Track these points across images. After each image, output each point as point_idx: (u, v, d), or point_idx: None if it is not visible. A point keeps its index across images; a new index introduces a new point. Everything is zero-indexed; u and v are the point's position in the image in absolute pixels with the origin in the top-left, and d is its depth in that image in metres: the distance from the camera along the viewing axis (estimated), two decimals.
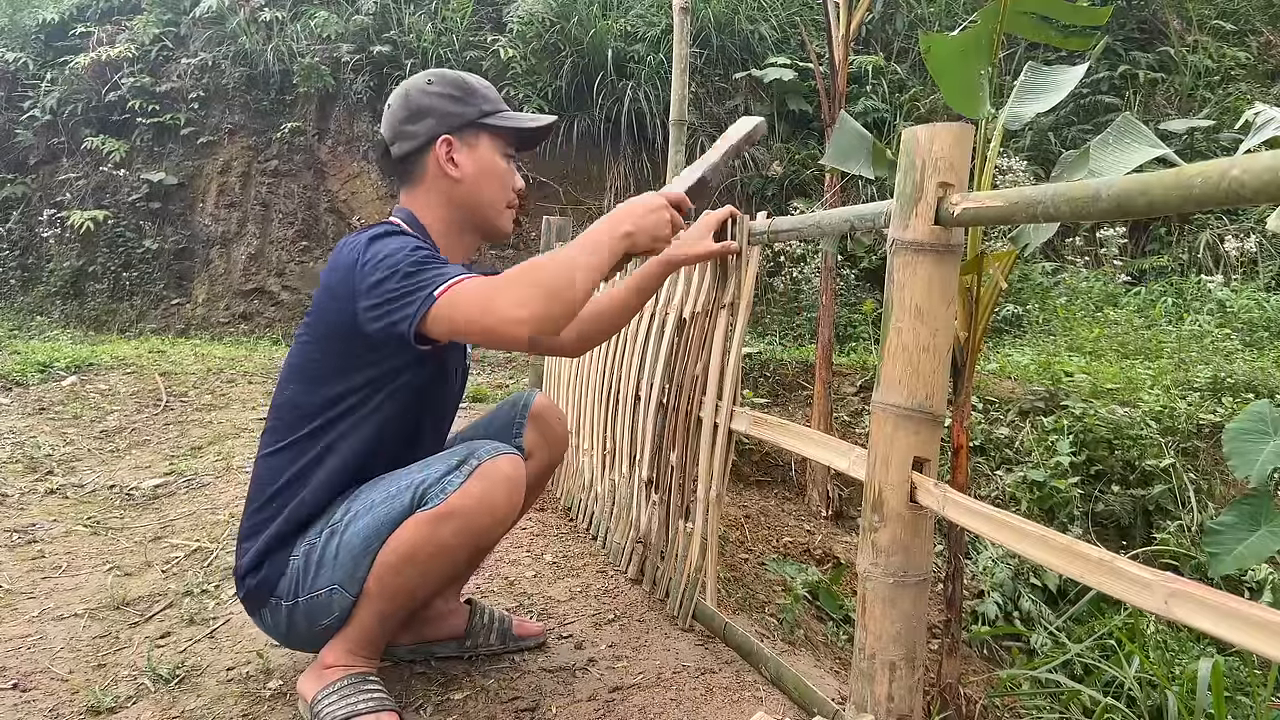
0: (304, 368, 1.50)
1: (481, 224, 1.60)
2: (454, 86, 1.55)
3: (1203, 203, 0.83)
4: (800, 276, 6.11)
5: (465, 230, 1.59)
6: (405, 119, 1.54)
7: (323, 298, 1.46)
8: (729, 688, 1.61)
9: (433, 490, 1.40)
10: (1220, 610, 0.82)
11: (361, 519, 1.42)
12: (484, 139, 1.56)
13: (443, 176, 1.54)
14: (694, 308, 2.00)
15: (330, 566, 1.43)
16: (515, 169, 1.62)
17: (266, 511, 1.49)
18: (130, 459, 3.33)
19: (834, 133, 2.52)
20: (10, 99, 7.69)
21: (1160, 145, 1.98)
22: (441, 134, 1.52)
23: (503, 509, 1.43)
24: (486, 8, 7.47)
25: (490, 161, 1.56)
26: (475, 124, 1.54)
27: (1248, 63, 6.95)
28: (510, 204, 1.61)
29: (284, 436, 1.50)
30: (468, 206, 1.56)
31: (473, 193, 1.55)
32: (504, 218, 1.62)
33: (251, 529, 1.51)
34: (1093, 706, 2.36)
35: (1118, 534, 3.74)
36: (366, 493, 1.46)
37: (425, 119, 1.52)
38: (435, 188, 1.55)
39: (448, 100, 1.53)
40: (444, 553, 1.42)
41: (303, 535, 1.47)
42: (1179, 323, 5.23)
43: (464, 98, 1.54)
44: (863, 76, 6.89)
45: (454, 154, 1.53)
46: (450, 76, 1.57)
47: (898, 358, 1.22)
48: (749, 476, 3.86)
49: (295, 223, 7.03)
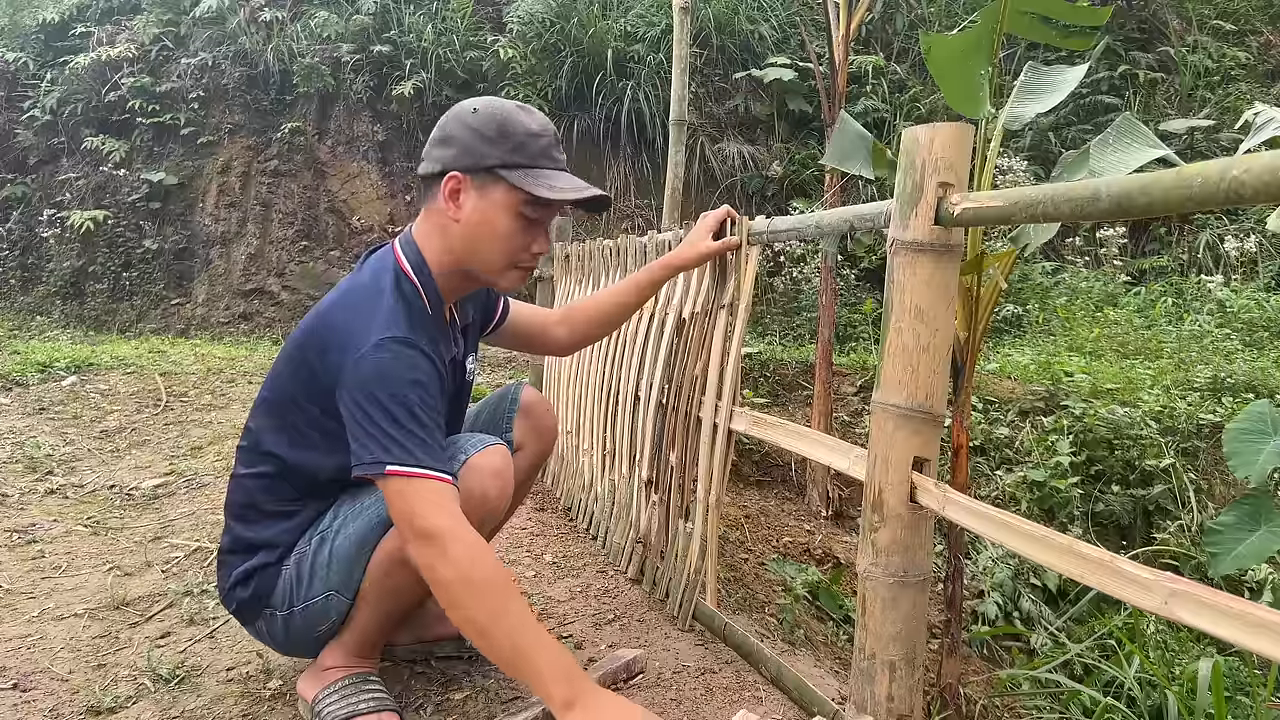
0: (278, 401, 1.46)
1: (479, 277, 1.48)
2: (490, 124, 1.40)
3: (1203, 203, 0.83)
4: (800, 276, 6.11)
5: (461, 275, 1.48)
6: (436, 140, 1.44)
7: (310, 344, 1.40)
8: (729, 688, 1.61)
9: None
10: (1220, 610, 0.82)
11: (352, 524, 1.42)
12: (500, 189, 1.40)
13: (442, 211, 1.42)
14: (694, 308, 2.00)
15: (324, 573, 1.42)
16: (539, 232, 1.44)
17: (257, 528, 1.48)
18: (130, 459, 3.33)
19: (834, 133, 2.52)
20: (10, 99, 7.69)
21: (1160, 145, 1.98)
22: (454, 169, 1.39)
23: (494, 500, 1.43)
24: (486, 8, 7.47)
25: (494, 215, 1.40)
26: (492, 170, 1.39)
27: (1248, 63, 6.95)
28: (518, 264, 1.45)
29: (257, 465, 1.48)
30: (465, 253, 1.44)
31: (469, 240, 1.42)
32: (504, 277, 1.47)
33: (241, 544, 1.50)
34: (1093, 706, 2.36)
35: (1118, 534, 3.74)
36: (354, 496, 1.46)
37: (449, 148, 1.41)
38: (439, 221, 1.44)
39: (477, 137, 1.39)
40: None
41: (293, 543, 1.47)
42: (1179, 323, 5.22)
43: (494, 139, 1.39)
44: (863, 76, 6.89)
45: (460, 191, 1.41)
46: (494, 113, 1.41)
47: (897, 358, 1.22)
48: (749, 476, 3.86)
49: (295, 223, 7.03)
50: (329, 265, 6.89)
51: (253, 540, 1.49)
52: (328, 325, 1.39)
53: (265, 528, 1.48)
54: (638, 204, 6.88)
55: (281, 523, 1.48)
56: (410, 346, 1.33)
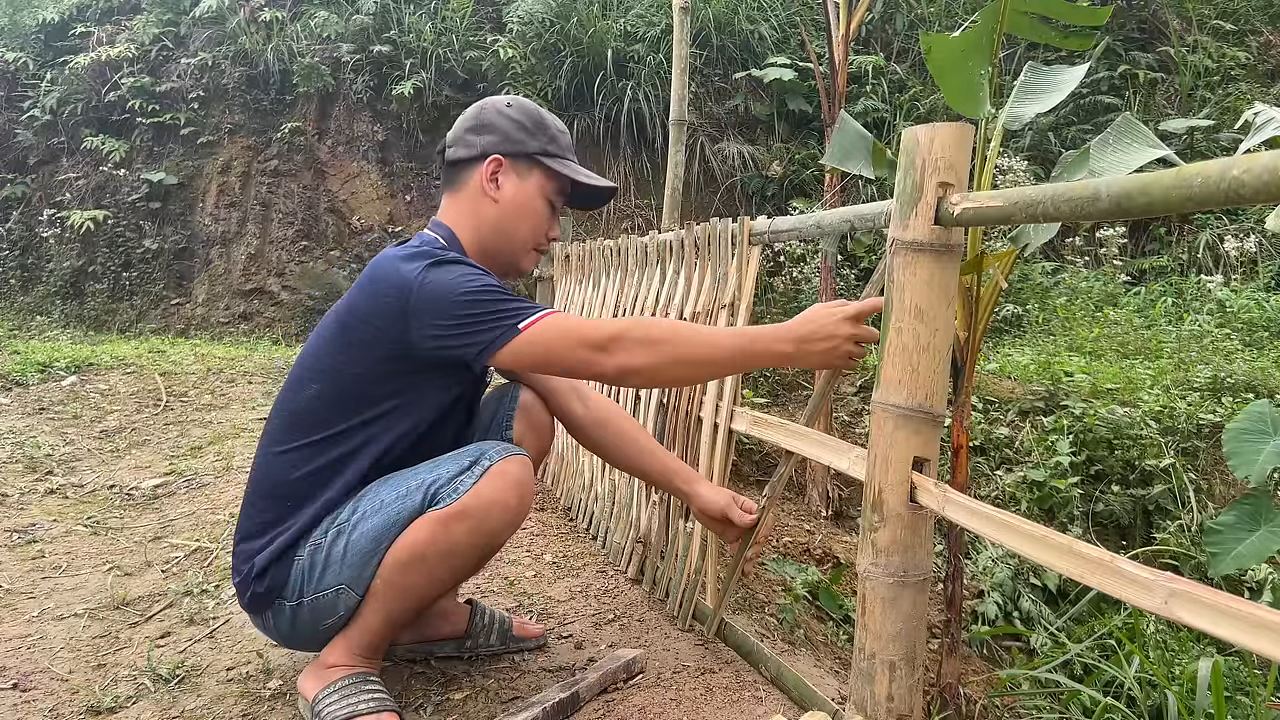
0: (334, 371, 1.48)
1: (505, 256, 1.60)
2: (528, 117, 1.57)
3: (1202, 202, 0.83)
4: (800, 276, 6.10)
5: (489, 258, 1.57)
6: (471, 128, 1.56)
7: (362, 307, 1.46)
8: (729, 688, 1.61)
9: (444, 490, 1.41)
10: (1220, 610, 0.82)
11: (371, 519, 1.42)
12: (536, 174, 1.57)
13: (482, 194, 1.55)
14: (695, 308, 2.00)
15: (338, 566, 1.43)
16: (556, 218, 1.63)
17: (279, 509, 1.48)
18: (130, 459, 3.33)
19: (834, 133, 2.52)
20: (10, 99, 7.69)
21: (1160, 145, 1.98)
22: (495, 152, 1.54)
23: (514, 509, 1.45)
24: (486, 8, 7.47)
25: (531, 197, 1.57)
26: (532, 157, 1.56)
27: (1248, 63, 6.94)
28: (538, 247, 1.62)
29: (304, 435, 1.48)
30: (496, 233, 1.56)
31: (504, 220, 1.55)
32: (527, 258, 1.62)
33: (260, 526, 1.49)
34: (1093, 706, 2.36)
35: (1118, 534, 3.74)
36: (375, 492, 1.46)
37: (488, 134, 1.55)
38: (472, 203, 1.55)
39: (516, 127, 1.55)
40: (454, 552, 1.42)
41: (308, 535, 1.47)
42: (1179, 323, 5.22)
43: (534, 130, 1.56)
44: (863, 76, 6.89)
45: (499, 175, 1.54)
46: (529, 108, 1.58)
47: (897, 358, 1.22)
48: (749, 476, 3.86)
49: (295, 223, 7.03)
50: (329, 265, 6.89)
51: (278, 514, 1.48)
52: (375, 280, 1.45)
53: (288, 506, 1.48)
54: (638, 204, 6.88)
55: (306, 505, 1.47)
56: (456, 262, 1.43)
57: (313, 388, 1.50)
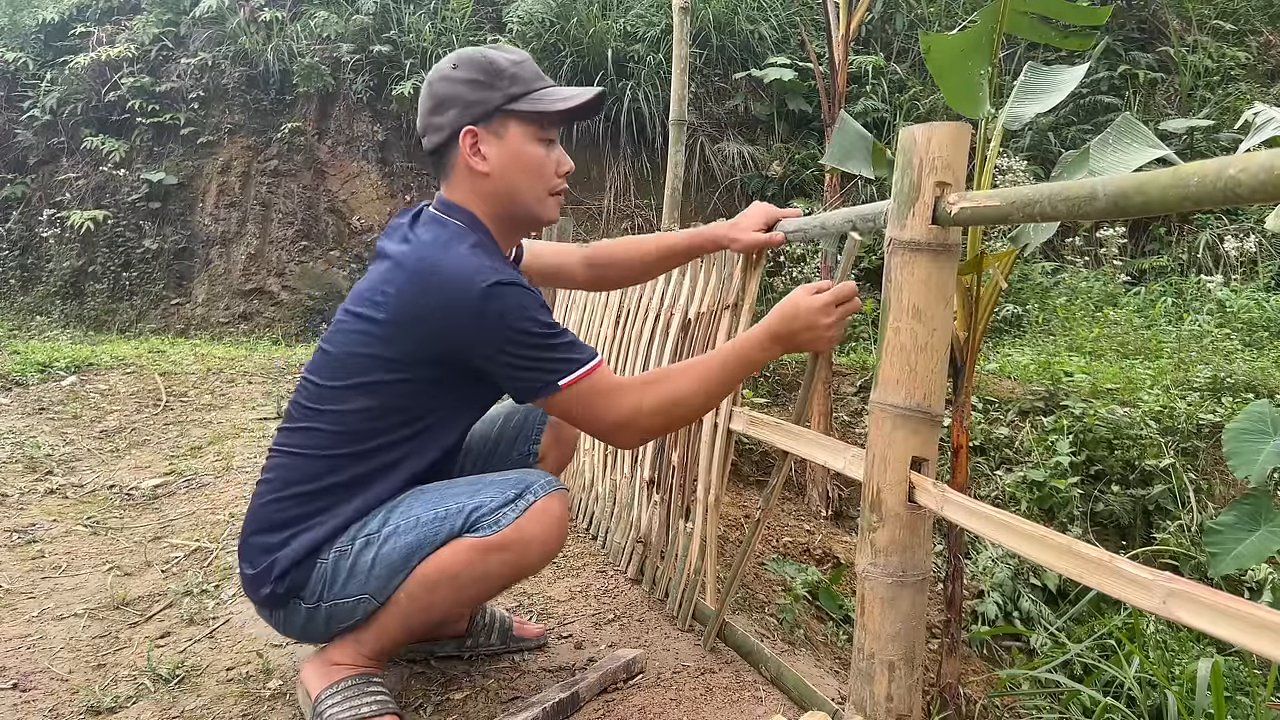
0: (381, 385, 1.42)
1: (522, 217, 1.50)
2: (478, 70, 1.43)
3: (1199, 202, 0.83)
4: (800, 276, 6.10)
5: (509, 226, 1.51)
6: (431, 109, 1.45)
7: (406, 315, 1.38)
8: (729, 688, 1.61)
9: (486, 520, 1.39)
10: (1220, 610, 0.82)
11: (404, 536, 1.40)
12: (512, 126, 1.44)
13: (472, 171, 1.45)
14: (699, 308, 2.00)
15: (364, 577, 1.40)
16: (556, 147, 1.50)
17: (307, 507, 1.44)
18: (130, 459, 3.33)
19: (834, 133, 2.53)
20: (10, 99, 7.69)
21: (1160, 145, 1.98)
22: (465, 125, 1.42)
23: (553, 547, 1.46)
24: (486, 8, 7.47)
25: (520, 150, 1.45)
26: (501, 110, 1.43)
27: (1247, 63, 6.94)
28: (553, 190, 1.51)
29: (351, 444, 1.44)
30: (503, 201, 1.47)
31: (505, 186, 1.46)
32: (546, 206, 1.51)
33: (282, 521, 1.45)
34: (1092, 706, 2.36)
35: (1118, 534, 3.74)
36: (407, 506, 1.43)
37: (449, 109, 1.43)
38: (469, 182, 1.46)
39: (471, 86, 1.42)
40: (485, 580, 1.42)
41: (334, 540, 1.44)
42: (1179, 323, 5.22)
43: (489, 81, 1.42)
44: (863, 76, 6.89)
45: (480, 145, 1.44)
46: (475, 58, 1.44)
47: (895, 358, 1.22)
48: (749, 476, 3.86)
49: (295, 223, 7.03)
50: (329, 265, 6.89)
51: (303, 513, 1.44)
52: (426, 291, 1.37)
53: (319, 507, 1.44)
54: (637, 204, 6.89)
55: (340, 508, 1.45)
56: (510, 284, 1.37)
57: (359, 400, 1.43)
